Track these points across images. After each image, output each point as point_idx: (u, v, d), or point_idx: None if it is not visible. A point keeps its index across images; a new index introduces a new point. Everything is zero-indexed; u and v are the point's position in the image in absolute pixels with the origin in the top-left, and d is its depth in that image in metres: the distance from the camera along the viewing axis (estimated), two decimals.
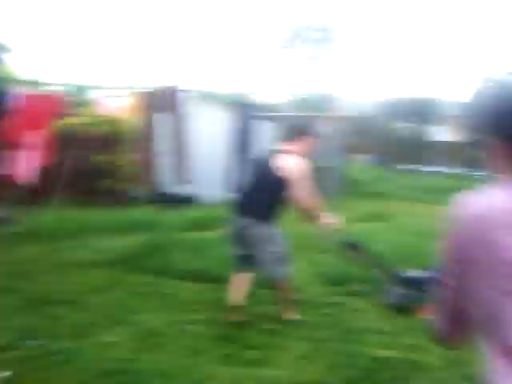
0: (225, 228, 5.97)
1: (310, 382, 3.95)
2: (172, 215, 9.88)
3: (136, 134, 7.62)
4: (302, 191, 4.77)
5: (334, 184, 15.08)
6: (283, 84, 36.82)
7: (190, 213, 10.48)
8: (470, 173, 19.74)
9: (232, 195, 6.76)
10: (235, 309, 5.11)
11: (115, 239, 8.59)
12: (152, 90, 7.71)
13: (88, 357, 4.17)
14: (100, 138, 11.74)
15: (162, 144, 7.69)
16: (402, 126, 25.96)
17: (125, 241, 8.31)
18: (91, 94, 15.69)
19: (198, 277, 6.54)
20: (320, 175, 15.30)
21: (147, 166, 7.55)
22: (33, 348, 4.25)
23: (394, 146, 24.17)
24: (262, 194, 4.89)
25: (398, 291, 5.68)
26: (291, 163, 4.79)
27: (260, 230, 4.88)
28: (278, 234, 4.99)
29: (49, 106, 8.22)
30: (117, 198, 11.47)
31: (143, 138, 7.51)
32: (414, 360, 4.36)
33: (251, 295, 5.75)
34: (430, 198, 15.82)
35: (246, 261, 5.05)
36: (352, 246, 5.52)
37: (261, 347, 4.57)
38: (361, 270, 6.08)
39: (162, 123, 7.62)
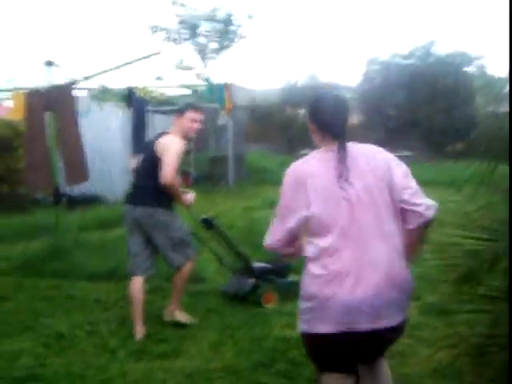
0: None
1: (221, 369, 4.04)
2: (75, 216, 9.75)
3: (30, 135, 7.42)
4: (167, 167, 4.57)
5: (235, 172, 15.34)
6: (178, 76, 36.62)
7: (93, 213, 10.38)
8: None
9: None
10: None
11: (18, 245, 8.41)
12: (44, 88, 7.52)
13: None
14: None
15: (57, 144, 7.54)
16: (301, 112, 26.48)
17: (28, 246, 8.15)
18: None
19: (104, 277, 6.54)
20: (219, 164, 15.63)
21: (44, 167, 7.38)
22: None
23: (297, 132, 24.64)
24: (148, 179, 4.80)
25: (238, 279, 5.86)
26: (163, 142, 4.73)
27: (150, 216, 4.76)
28: (174, 218, 4.86)
29: None
30: (17, 203, 11.18)
31: (37, 139, 7.32)
32: None
33: (158, 289, 5.86)
34: None
35: (142, 259, 4.90)
36: (207, 223, 5.51)
37: (171, 340, 4.65)
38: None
39: (55, 122, 7.47)
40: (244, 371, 3.92)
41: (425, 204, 2.56)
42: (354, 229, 2.50)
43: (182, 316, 5.04)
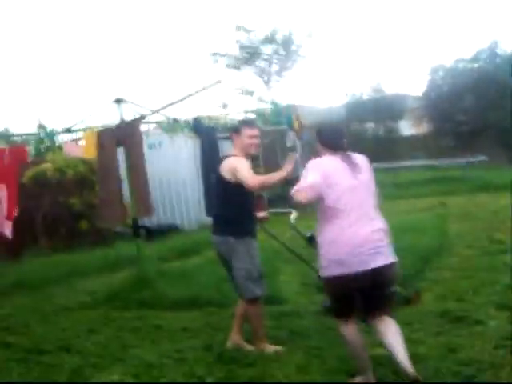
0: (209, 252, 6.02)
1: None
2: (154, 247, 9.98)
3: (102, 171, 7.67)
4: (245, 178, 4.50)
5: None
6: (242, 102, 37.04)
7: (171, 242, 10.59)
8: (440, 163, 20.06)
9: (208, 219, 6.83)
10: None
11: (101, 278, 8.69)
12: (113, 125, 7.78)
13: None
14: (74, 180, 11.85)
15: (129, 178, 7.75)
16: (368, 126, 26.27)
17: (112, 278, 8.41)
18: (58, 138, 15.75)
19: (188, 305, 6.64)
20: (292, 185, 15.57)
21: (117, 201, 7.59)
22: None
23: (366, 146, 24.43)
24: (220, 207, 4.92)
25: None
26: (227, 164, 4.73)
27: (224, 245, 4.80)
28: (245, 247, 4.75)
29: (14, 158, 8.18)
30: (97, 237, 11.55)
31: (110, 175, 7.55)
32: (409, 353, 4.46)
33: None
34: (406, 192, 16.10)
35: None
36: (313, 240, 5.32)
37: (258, 364, 4.64)
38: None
39: (126, 157, 7.68)
40: None
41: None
42: (358, 203, 3.80)
43: (269, 347, 4.94)
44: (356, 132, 25.46)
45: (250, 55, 29.40)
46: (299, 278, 7.16)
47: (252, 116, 16.55)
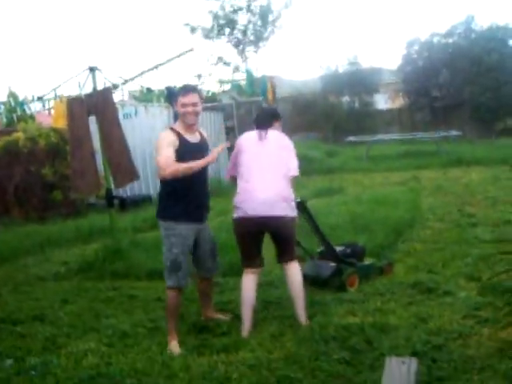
0: None
1: (283, 358, 4.06)
2: (129, 217, 9.95)
3: (74, 141, 7.55)
4: (157, 162, 4.34)
5: None
6: (218, 72, 36.77)
7: (147, 213, 10.56)
8: (414, 137, 20.20)
9: None
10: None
11: (76, 249, 8.65)
12: (85, 94, 7.65)
13: (64, 368, 4.23)
14: (46, 150, 11.70)
15: (102, 148, 7.64)
16: (344, 99, 26.31)
17: (85, 249, 8.38)
18: (30, 107, 15.53)
19: (162, 275, 6.62)
20: None
21: (90, 172, 7.50)
22: (6, 368, 4.30)
23: (341, 119, 24.50)
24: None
25: (317, 263, 5.89)
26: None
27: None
28: (165, 232, 4.59)
29: None
30: (70, 208, 11.47)
31: (82, 145, 7.44)
32: (381, 322, 4.54)
33: (215, 284, 5.96)
34: (380, 166, 16.23)
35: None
36: (301, 205, 5.30)
37: (232, 333, 4.69)
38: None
39: (99, 126, 7.57)
40: (305, 360, 3.92)
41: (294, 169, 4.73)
42: (260, 167, 4.65)
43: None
44: (331, 105, 25.50)
45: (223, 25, 29.11)
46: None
47: (227, 86, 16.49)
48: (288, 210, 4.61)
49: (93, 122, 7.65)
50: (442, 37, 24.48)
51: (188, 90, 4.63)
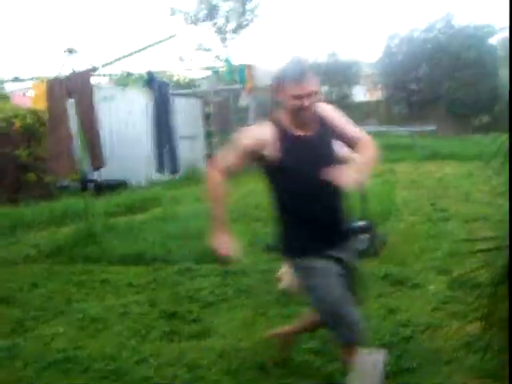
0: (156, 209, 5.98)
1: (252, 346, 4.09)
2: (102, 202, 9.88)
3: (52, 123, 7.47)
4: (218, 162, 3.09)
5: None
6: (199, 58, 36.57)
7: (121, 198, 10.50)
8: (390, 130, 20.27)
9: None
10: None
11: (48, 232, 8.57)
12: (64, 76, 7.55)
13: (32, 351, 4.21)
14: (21, 132, 11.55)
15: (80, 130, 7.58)
16: (322, 90, 26.32)
17: (58, 232, 8.31)
18: (6, 87, 15.31)
19: (134, 260, 6.63)
20: None
21: (67, 154, 7.43)
22: None
23: None
24: None
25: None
26: None
27: None
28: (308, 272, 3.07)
29: None
30: (44, 191, 11.35)
31: (59, 127, 7.36)
32: None
33: (186, 270, 5.97)
34: None
35: None
36: None
37: (202, 320, 4.70)
38: None
39: (76, 109, 7.50)
40: (275, 349, 3.94)
41: None
42: None
43: None
44: None
45: (208, 11, 28.93)
46: (247, 238, 7.21)
47: (207, 73, 16.36)
48: None
49: (71, 106, 7.58)
50: (421, 32, 24.60)
51: (303, 73, 2.89)
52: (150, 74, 8.50)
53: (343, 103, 25.41)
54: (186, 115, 14.12)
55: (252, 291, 5.34)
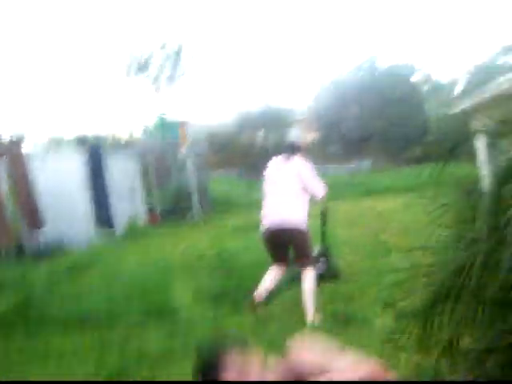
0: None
1: None
2: (41, 265, 9.62)
3: None
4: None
5: (201, 203, 15.33)
6: (133, 114, 36.65)
7: (59, 261, 10.25)
8: (326, 169, 20.61)
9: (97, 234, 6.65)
10: None
11: None
12: None
13: None
14: None
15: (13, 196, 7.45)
16: (260, 136, 26.71)
17: None
18: None
19: (78, 324, 6.44)
20: (183, 197, 15.62)
21: (3, 220, 7.27)
22: None
23: (258, 155, 24.80)
24: None
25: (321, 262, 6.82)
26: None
27: None
28: None
29: None
30: None
31: None
32: None
33: None
34: None
35: None
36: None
37: (153, 377, 4.59)
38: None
39: (8, 172, 7.38)
40: None
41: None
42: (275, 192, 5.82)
43: None
44: (247, 143, 25.84)
45: (142, 64, 29.13)
46: (192, 290, 7.14)
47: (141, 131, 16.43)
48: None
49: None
50: (349, 74, 25.44)
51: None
52: (82, 138, 8.51)
53: (279, 147, 25.85)
54: (122, 172, 14.02)
55: (201, 342, 5.24)
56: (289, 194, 5.72)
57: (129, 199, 14.03)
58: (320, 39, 68.19)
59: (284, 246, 5.83)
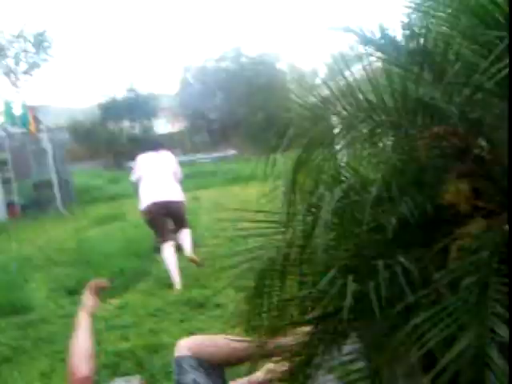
0: None
1: None
2: None
3: None
4: None
5: (63, 195, 14.88)
6: None
7: None
8: (193, 159, 20.74)
9: None
10: None
11: None
12: None
13: None
14: None
15: None
16: (124, 125, 26.25)
17: None
18: None
19: None
20: (44, 189, 15.07)
21: None
22: None
23: (122, 145, 24.38)
24: None
25: None
26: None
27: None
28: None
29: None
30: None
31: None
32: (153, 343, 4.60)
33: None
34: None
35: None
36: None
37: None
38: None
39: None
40: None
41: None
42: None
43: None
44: (112, 132, 25.31)
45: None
46: (48, 285, 6.96)
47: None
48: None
49: None
50: (214, 62, 25.57)
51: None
52: None
53: (146, 136, 25.57)
54: None
55: (53, 339, 5.14)
56: (164, 176, 6.83)
57: None
58: (186, 27, 67.98)
59: (165, 217, 6.75)
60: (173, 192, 6.83)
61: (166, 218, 6.81)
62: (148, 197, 6.70)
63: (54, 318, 5.71)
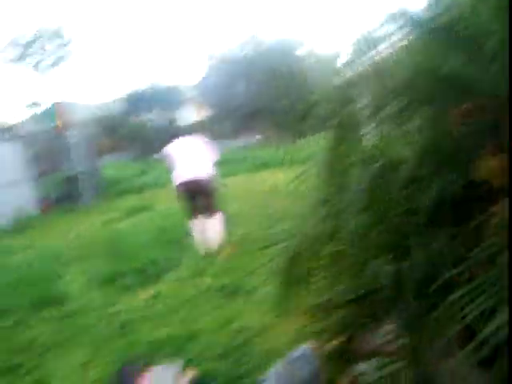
0: None
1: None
2: None
3: None
4: None
5: (92, 188, 15.05)
6: (19, 99, 35.24)
7: None
8: (220, 144, 20.72)
9: None
10: None
11: None
12: None
13: None
14: None
15: None
16: (150, 117, 26.36)
17: None
18: None
19: None
20: (75, 182, 15.25)
21: None
22: None
23: (147, 137, 24.50)
24: None
25: None
26: None
27: None
28: None
29: None
30: None
31: None
32: (189, 330, 4.65)
33: None
34: None
35: None
36: None
37: (41, 368, 4.54)
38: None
39: None
40: None
41: None
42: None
43: None
44: (138, 124, 25.47)
45: (22, 51, 27.98)
46: (82, 277, 7.05)
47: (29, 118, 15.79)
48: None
49: None
50: (235, 51, 25.55)
51: None
52: None
53: (172, 127, 25.69)
54: (5, 161, 13.48)
55: (90, 329, 5.23)
56: (196, 158, 7.23)
57: (14, 190, 13.50)
58: (206, 17, 67.82)
59: (194, 195, 7.09)
60: (200, 170, 7.16)
61: (195, 195, 7.12)
62: (178, 176, 7.12)
63: (90, 310, 5.80)
